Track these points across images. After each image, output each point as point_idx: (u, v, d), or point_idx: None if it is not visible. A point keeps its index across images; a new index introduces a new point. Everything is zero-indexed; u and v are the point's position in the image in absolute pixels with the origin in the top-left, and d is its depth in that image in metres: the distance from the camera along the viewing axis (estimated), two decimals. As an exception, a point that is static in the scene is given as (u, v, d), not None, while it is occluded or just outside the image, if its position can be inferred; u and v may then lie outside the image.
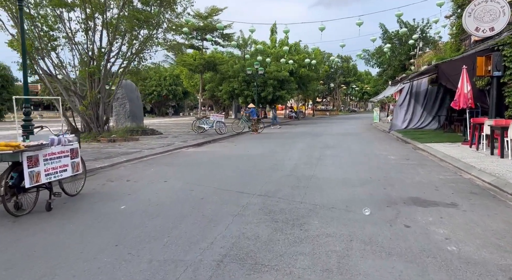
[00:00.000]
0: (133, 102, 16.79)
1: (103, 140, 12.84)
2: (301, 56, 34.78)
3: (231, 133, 18.24)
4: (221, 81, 28.21)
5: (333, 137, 16.18)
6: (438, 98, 19.26)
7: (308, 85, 39.21)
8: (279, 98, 29.47)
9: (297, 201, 5.27)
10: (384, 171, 7.70)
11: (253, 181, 6.72)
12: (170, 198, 5.43)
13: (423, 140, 13.57)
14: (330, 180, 6.78)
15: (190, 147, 12.66)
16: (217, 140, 15.52)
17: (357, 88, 70.13)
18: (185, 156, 10.35)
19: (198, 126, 18.05)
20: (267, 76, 27.99)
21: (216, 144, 14.10)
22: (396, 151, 11.40)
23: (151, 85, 46.83)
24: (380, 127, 23.51)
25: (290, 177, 7.05)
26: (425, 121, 19.43)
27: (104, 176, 7.31)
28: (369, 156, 10.09)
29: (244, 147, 12.74)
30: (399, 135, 16.23)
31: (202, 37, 24.09)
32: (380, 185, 6.39)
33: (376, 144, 13.36)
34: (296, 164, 8.64)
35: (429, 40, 34.78)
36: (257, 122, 19.89)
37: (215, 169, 8.09)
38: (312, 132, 19.63)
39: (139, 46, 13.44)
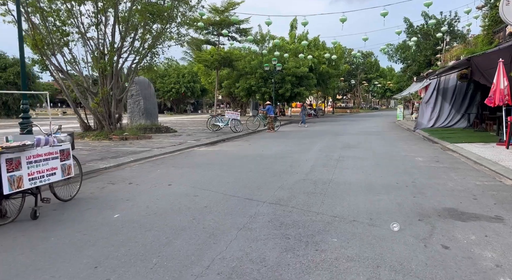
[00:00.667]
0: (147, 99, 16.45)
1: (115, 137, 12.51)
2: (321, 52, 33.79)
3: (247, 132, 17.65)
4: (238, 78, 27.62)
5: (353, 137, 15.33)
6: (468, 95, 18.04)
7: (328, 82, 38.15)
8: (297, 95, 28.64)
9: (313, 211, 4.61)
10: (412, 175, 6.91)
11: (264, 185, 6.10)
12: (171, 205, 4.87)
13: (452, 139, 12.57)
14: (350, 186, 6.07)
15: (202, 146, 12.15)
16: (232, 138, 14.96)
17: (379, 85, 68.16)
18: (196, 156, 9.83)
19: (213, 124, 17.57)
20: (285, 73, 27.21)
21: (230, 142, 13.54)
22: (423, 151, 10.50)
23: (170, 82, 46.87)
24: (404, 126, 22.37)
25: (306, 182, 6.38)
26: (453, 120, 18.25)
27: (107, 177, 6.86)
28: (394, 158, 9.27)
29: (259, 146, 12.12)
30: (426, 135, 15.21)
31: (218, 33, 23.50)
32: (409, 192, 5.63)
33: (401, 144, 12.46)
34: (313, 166, 7.95)
35: (456, 34, 33.10)
36: (273, 120, 19.21)
37: (225, 171, 7.51)
38: (331, 131, 18.80)
39: (152, 41, 13.00)
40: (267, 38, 30.53)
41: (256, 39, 29.58)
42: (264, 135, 16.64)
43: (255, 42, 29.60)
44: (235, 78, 27.99)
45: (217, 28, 23.19)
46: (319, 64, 33.32)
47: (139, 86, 16.11)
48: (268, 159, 9.09)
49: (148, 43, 13.17)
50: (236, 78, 27.91)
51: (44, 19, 12.03)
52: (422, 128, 17.86)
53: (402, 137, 15.08)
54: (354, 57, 50.51)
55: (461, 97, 18.16)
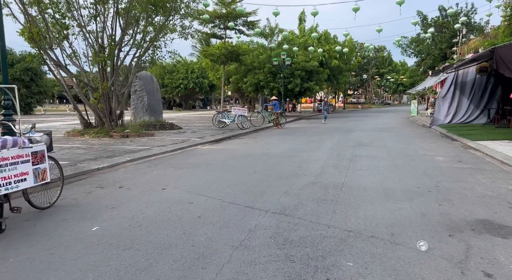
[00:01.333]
0: (151, 95, 15.92)
1: (116, 135, 12.01)
2: (331, 46, 32.83)
3: (254, 128, 17.01)
4: (246, 73, 26.90)
5: (366, 134, 14.55)
6: (488, 89, 17.04)
7: (339, 77, 37.17)
8: (307, 90, 27.80)
9: (323, 223, 3.96)
10: (434, 178, 6.19)
11: (269, 190, 5.45)
12: (160, 215, 4.27)
13: (473, 136, 11.72)
14: (366, 191, 5.38)
15: (206, 143, 11.55)
16: (238, 135, 14.33)
17: (391, 79, 66.63)
18: (198, 155, 9.23)
19: (219, 121, 16.98)
20: (295, 67, 26.40)
21: (236, 140, 12.91)
22: (443, 150, 9.71)
23: (178, 78, 46.41)
24: (419, 122, 21.44)
25: (315, 185, 5.72)
26: (472, 115, 17.29)
27: (97, 180, 6.30)
28: (412, 157, 8.52)
29: (266, 144, 11.47)
30: (443, 131, 14.35)
31: (225, 26, 22.78)
32: (433, 198, 4.93)
33: (418, 142, 11.66)
34: (323, 167, 7.27)
35: (473, 26, 31.81)
36: (279, 116, 18.40)
37: (227, 172, 6.89)
38: (342, 128, 18.02)
39: (154, 34, 12.41)
40: (276, 32, 29.69)
41: (265, 33, 28.77)
42: (272, 133, 15.97)
43: (263, 36, 28.78)
44: (243, 73, 27.28)
45: (224, 21, 22.45)
46: (330, 58, 32.37)
47: (143, 82, 15.58)
48: (275, 158, 8.44)
49: (150, 36, 12.59)
50: (244, 73, 27.20)
51: (42, 11, 11.54)
52: (438, 125, 16.97)
53: (418, 134, 14.24)
54: (366, 51, 49.21)
55: (481, 92, 17.17)
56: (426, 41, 31.72)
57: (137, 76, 15.74)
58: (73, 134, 12.53)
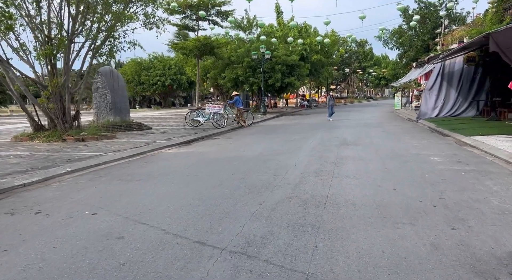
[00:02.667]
0: (115, 92, 14.41)
1: (70, 138, 10.53)
2: (312, 39, 31.75)
3: (232, 127, 15.75)
4: (224, 68, 25.51)
5: (351, 130, 13.50)
6: (476, 80, 16.26)
7: (321, 71, 36.19)
8: (288, 86, 26.62)
9: (300, 271, 2.76)
10: (435, 186, 5.09)
11: (233, 211, 4.23)
12: (67, 263, 2.98)
13: (465, 131, 10.81)
14: (355, 208, 4.22)
15: (173, 146, 10.22)
16: (212, 135, 13.04)
17: (374, 73, 66.34)
18: (159, 161, 7.91)
19: (193, 120, 15.63)
20: (275, 61, 25.16)
21: (209, 141, 11.62)
22: (436, 148, 8.70)
23: (155, 74, 44.56)
24: (404, 116, 20.62)
25: (292, 202, 4.52)
26: (460, 108, 16.50)
27: (14, 201, 4.93)
28: (404, 158, 7.44)
29: (241, 145, 10.24)
30: (432, 126, 13.44)
31: (197, 17, 21.25)
32: (442, 218, 3.81)
33: (407, 138, 10.65)
34: (303, 174, 6.09)
35: (455, 16, 31.31)
36: (242, 113, 16.68)
37: (186, 185, 5.62)
38: (326, 124, 16.95)
39: (112, 23, 10.93)
40: (254, 24, 28.34)
41: (242, 25, 27.37)
42: (251, 131, 14.74)
43: (241, 28, 27.38)
44: (221, 68, 25.88)
45: (196, 10, 20.89)
46: (311, 52, 31.32)
47: (105, 78, 14.05)
48: (248, 164, 7.21)
49: (108, 25, 11.09)
50: (222, 68, 25.80)
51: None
52: (425, 118, 16.12)
53: (405, 130, 13.28)
54: (349, 44, 48.40)
55: (469, 83, 16.38)
56: (412, 29, 30.97)
57: (99, 72, 14.22)
58: (21, 139, 10.97)
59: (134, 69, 45.18)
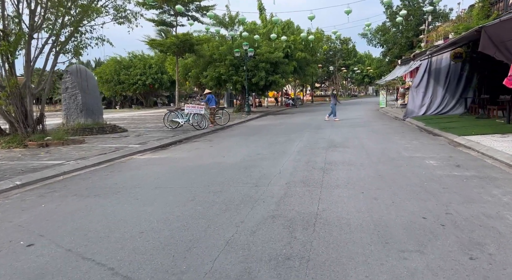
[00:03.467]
0: (86, 92, 13.39)
1: (32, 144, 9.55)
2: (296, 37, 31.13)
3: (214, 128, 14.95)
4: (206, 66, 24.60)
5: (338, 130, 12.90)
6: (463, 77, 15.93)
7: (306, 68, 35.65)
8: (272, 84, 25.92)
9: None
10: (438, 197, 4.47)
11: (203, 238, 3.48)
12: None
13: (456, 130, 10.34)
14: (350, 230, 3.53)
15: (147, 151, 9.37)
16: (192, 138, 12.22)
17: (358, 70, 66.41)
18: (127, 170, 7.07)
19: (171, 121, 14.75)
20: (259, 59, 24.42)
21: (187, 145, 10.80)
22: (429, 149, 8.15)
23: (135, 74, 43.17)
24: (390, 114, 20.22)
25: (276, 223, 3.81)
26: (447, 106, 16.14)
27: None
28: (397, 161, 6.84)
29: (222, 149, 9.48)
30: (421, 124, 12.98)
31: (175, 12, 20.23)
32: (455, 242, 3.16)
33: (397, 139, 10.10)
34: (289, 184, 5.38)
35: (439, 13, 31.23)
36: (215, 112, 15.73)
37: (153, 201, 4.83)
38: (311, 124, 16.33)
39: (79, 17, 9.97)
40: (237, 21, 27.48)
41: (224, 22, 26.48)
42: (233, 132, 13.98)
43: (223, 25, 26.49)
44: (203, 67, 24.96)
45: (173, 5, 19.86)
46: (295, 50, 30.70)
47: (74, 77, 13.03)
48: (227, 172, 6.46)
49: (73, 19, 10.12)
50: (204, 67, 24.89)
51: None
52: (413, 117, 15.70)
53: (394, 129, 12.76)
54: (333, 37, 47.91)
55: (456, 80, 16.04)
56: (398, 25, 30.68)
57: (68, 71, 13.19)
58: (-23, 146, 9.91)
59: (113, 68, 43.67)
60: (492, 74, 14.55)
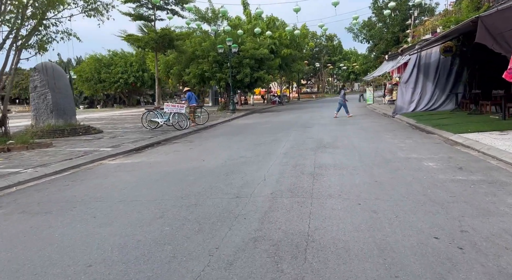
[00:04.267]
0: (58, 91, 12.40)
1: (-10, 150, 8.60)
2: (282, 33, 30.45)
3: (196, 128, 14.15)
4: (188, 63, 23.67)
5: (326, 128, 12.29)
6: (453, 72, 15.53)
7: (292, 65, 35.05)
8: (258, 81, 25.20)
9: None
10: (448, 210, 3.84)
11: (165, 275, 2.74)
12: None
13: (450, 127, 9.83)
14: (350, 258, 2.86)
15: (120, 155, 8.55)
16: (171, 139, 11.42)
17: (344, 67, 66.30)
18: (92, 178, 6.26)
19: (150, 121, 13.88)
20: (243, 55, 23.63)
21: (165, 147, 10.00)
22: (425, 149, 7.58)
23: (117, 72, 41.80)
24: (379, 110, 19.78)
25: (258, 248, 3.10)
26: (437, 101, 15.72)
27: None
28: (393, 163, 6.22)
29: (202, 152, 8.73)
30: (412, 121, 12.48)
31: (153, 5, 19.18)
32: (483, 276, 2.51)
33: (389, 137, 9.53)
34: (274, 195, 4.68)
35: (424, 8, 31.04)
36: (195, 111, 14.80)
37: (112, 220, 4.06)
38: (298, 122, 15.68)
39: (41, 9, 9.03)
40: (220, 16, 26.59)
41: (207, 17, 25.56)
42: (217, 132, 13.22)
43: (205, 20, 25.56)
44: (185, 63, 24.02)
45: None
46: (281, 46, 30.02)
47: (43, 75, 12.02)
48: (206, 179, 5.73)
49: (39, 11, 9.17)
50: (187, 63, 23.95)
51: None
52: (402, 113, 15.22)
53: (384, 127, 12.23)
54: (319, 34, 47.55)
55: (446, 75, 15.62)
56: (383, 20, 30.36)
57: (36, 69, 12.18)
58: None
59: (93, 66, 42.22)
60: (483, 68, 14.19)
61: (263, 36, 27.82)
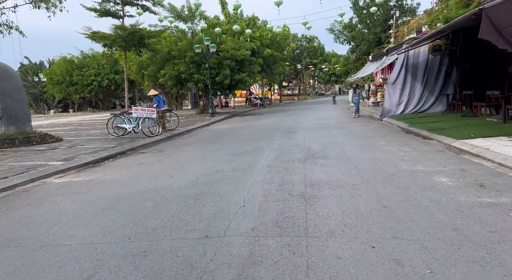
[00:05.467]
0: (8, 95, 10.82)
1: None
2: (263, 33, 29.37)
3: (170, 134, 12.81)
4: (163, 63, 22.19)
5: (313, 134, 11.19)
6: (442, 72, 14.78)
7: (273, 67, 34.01)
8: (239, 83, 23.98)
9: None
10: (496, 255, 2.76)
11: None
12: None
13: (448, 131, 8.93)
14: None
15: (71, 170, 7.15)
16: (138, 148, 10.05)
17: (326, 69, 65.94)
18: (22, 206, 4.88)
19: (116, 127, 12.43)
20: (222, 56, 22.39)
21: (130, 158, 8.64)
22: (429, 158, 6.56)
23: (90, 74, 39.66)
24: (364, 113, 18.91)
25: None
26: (426, 103, 14.93)
27: None
28: (399, 180, 5.14)
29: (172, 165, 7.44)
30: (403, 125, 11.57)
31: (122, 0, 17.68)
32: None
33: (384, 144, 8.51)
34: (256, 233, 3.48)
35: (406, 8, 30.67)
36: (163, 115, 13.42)
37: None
38: (282, 126, 14.55)
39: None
40: (197, 13, 25.24)
41: (183, 15, 24.13)
42: (191, 139, 11.92)
43: (181, 19, 24.12)
44: (161, 64, 22.54)
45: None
46: (262, 47, 28.94)
47: (-12, 77, 10.42)
48: (168, 206, 4.47)
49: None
50: (162, 64, 22.48)
51: None
52: (390, 116, 14.34)
53: (374, 131, 11.25)
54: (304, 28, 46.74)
55: (434, 75, 14.86)
56: (363, 21, 29.79)
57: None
58: None
59: (64, 68, 39.92)
60: (473, 67, 13.48)
61: (243, 36, 26.68)
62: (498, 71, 11.92)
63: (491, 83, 12.69)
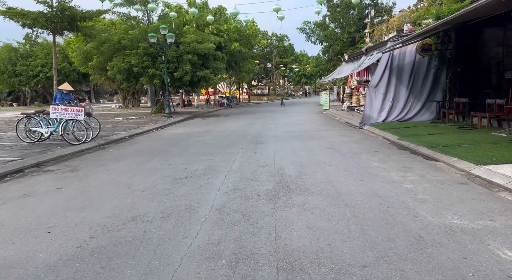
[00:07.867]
0: None
1: None
2: (230, 26, 26.94)
3: (105, 140, 10.09)
4: (113, 54, 19.15)
5: (285, 147, 8.90)
6: (430, 75, 13.06)
7: (242, 64, 31.64)
8: (201, 80, 21.36)
9: None
10: None
11: None
12: None
13: (456, 150, 7.01)
14: None
15: None
16: (45, 163, 7.30)
17: (297, 69, 64.41)
18: None
19: (29, 131, 9.52)
20: (183, 49, 19.70)
21: (21, 181, 5.92)
22: (455, 198, 4.45)
23: (36, 64, 35.32)
24: (339, 118, 16.99)
25: None
26: (411, 110, 13.14)
27: None
28: (433, 250, 2.93)
29: (73, 198, 4.86)
30: (391, 137, 9.63)
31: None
32: None
33: (377, 166, 6.38)
34: None
35: (381, 7, 29.31)
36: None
37: None
38: (248, 134, 12.17)
39: None
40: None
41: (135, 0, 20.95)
42: (126, 150, 9.28)
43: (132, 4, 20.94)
44: (109, 55, 19.48)
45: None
46: (229, 41, 26.51)
47: None
48: None
49: None
50: (110, 55, 19.43)
51: None
52: (371, 124, 12.43)
53: (359, 144, 9.16)
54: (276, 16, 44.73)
55: (421, 79, 13.11)
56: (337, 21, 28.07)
57: None
58: None
59: (7, 57, 35.29)
60: (466, 71, 11.83)
61: (207, 29, 24.12)
62: (498, 76, 10.30)
63: (488, 89, 11.07)
